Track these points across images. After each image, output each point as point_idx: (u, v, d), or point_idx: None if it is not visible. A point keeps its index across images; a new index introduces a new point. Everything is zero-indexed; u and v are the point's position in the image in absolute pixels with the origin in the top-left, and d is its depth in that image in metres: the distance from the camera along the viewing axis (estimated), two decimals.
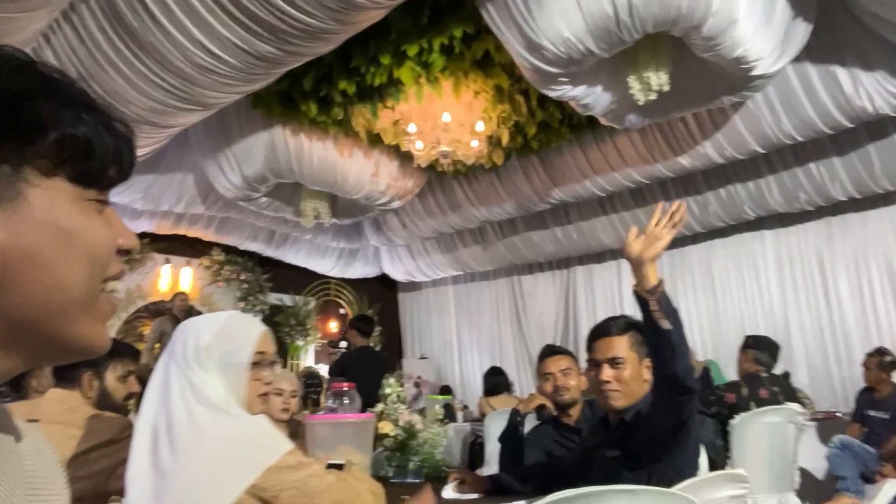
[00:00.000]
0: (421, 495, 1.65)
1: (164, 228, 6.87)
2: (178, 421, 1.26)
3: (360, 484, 1.39)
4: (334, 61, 4.26)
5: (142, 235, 6.94)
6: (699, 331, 6.27)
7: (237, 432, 1.26)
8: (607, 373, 1.81)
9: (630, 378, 1.80)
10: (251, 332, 1.42)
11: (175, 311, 6.07)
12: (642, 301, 1.60)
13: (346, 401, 2.32)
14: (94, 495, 1.58)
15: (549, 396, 2.46)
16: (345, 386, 2.26)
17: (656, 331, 1.57)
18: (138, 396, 1.55)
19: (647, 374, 1.82)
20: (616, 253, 7.08)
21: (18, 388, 2.61)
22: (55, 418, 1.67)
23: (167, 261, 7.26)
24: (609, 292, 7.21)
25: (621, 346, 1.83)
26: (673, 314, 1.58)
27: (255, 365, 1.39)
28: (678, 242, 6.52)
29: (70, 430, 1.62)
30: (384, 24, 3.65)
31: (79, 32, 3.50)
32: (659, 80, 3.43)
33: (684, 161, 5.07)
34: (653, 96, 3.51)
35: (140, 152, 4.97)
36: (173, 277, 7.27)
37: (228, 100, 4.19)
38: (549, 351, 2.63)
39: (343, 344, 7.01)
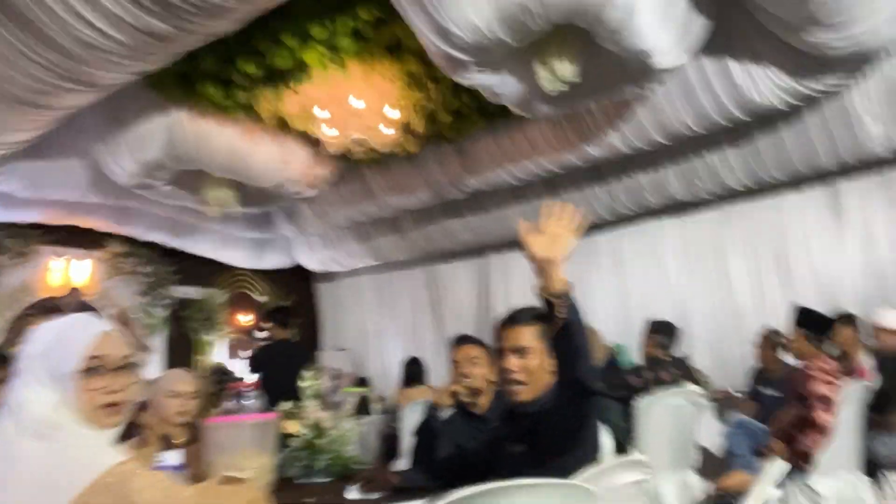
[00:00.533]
0: None
1: (56, 219, 6.37)
2: (13, 441, 1.14)
3: (233, 497, 1.29)
4: (236, 42, 4.05)
5: (30, 227, 6.43)
6: (606, 316, 6.47)
7: (49, 457, 1.13)
8: (512, 362, 1.80)
9: (536, 368, 1.79)
10: (83, 335, 1.27)
11: (67, 309, 5.65)
12: (548, 304, 1.58)
13: (247, 400, 2.21)
14: None
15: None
16: (244, 385, 2.16)
17: (561, 335, 1.57)
18: None
19: (554, 366, 1.82)
20: None
21: None
22: None
23: (59, 254, 6.74)
24: (524, 280, 7.30)
25: (528, 335, 1.82)
26: (578, 317, 1.57)
27: (90, 372, 1.25)
28: (588, 230, 6.68)
29: None
30: (287, 3, 3.48)
31: None
32: (567, 70, 3.47)
33: (592, 150, 5.19)
34: (561, 86, 3.55)
35: (24, 136, 4.57)
36: (66, 272, 6.76)
37: (120, 79, 3.90)
38: (459, 340, 2.63)
39: (261, 334, 6.79)
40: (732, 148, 5.27)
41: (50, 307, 6.19)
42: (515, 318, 1.86)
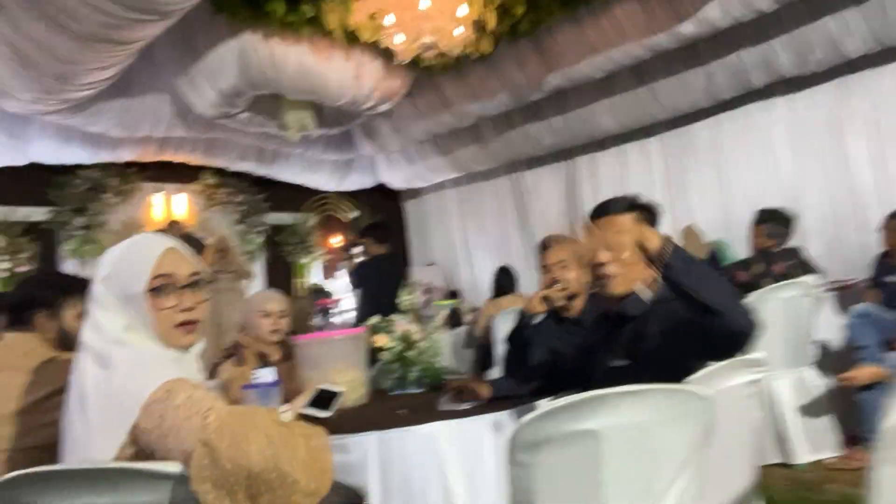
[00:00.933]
0: None
1: (149, 155, 6.63)
2: (84, 371, 1.13)
3: (265, 419, 1.15)
4: None
5: (127, 165, 6.74)
6: (709, 210, 6.08)
7: (116, 380, 1.12)
8: (604, 254, 1.64)
9: (630, 259, 1.63)
10: (148, 254, 1.22)
11: None
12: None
13: (334, 317, 2.21)
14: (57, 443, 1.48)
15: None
16: (332, 302, 2.14)
17: (682, 298, 1.42)
18: None
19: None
20: (618, 138, 6.76)
21: None
22: (9, 363, 1.54)
23: (158, 189, 7.07)
24: (614, 180, 6.96)
25: (622, 224, 1.65)
26: (694, 272, 1.40)
27: (158, 291, 1.20)
28: (683, 120, 6.20)
29: (24, 377, 1.49)
30: None
31: None
32: None
33: (687, 28, 4.66)
34: None
35: (105, 74, 4.67)
36: (167, 206, 7.10)
37: (186, 5, 3.84)
38: (548, 243, 2.49)
39: (356, 250, 6.90)
40: (852, 8, 4.59)
41: None
42: (608, 206, 1.69)
